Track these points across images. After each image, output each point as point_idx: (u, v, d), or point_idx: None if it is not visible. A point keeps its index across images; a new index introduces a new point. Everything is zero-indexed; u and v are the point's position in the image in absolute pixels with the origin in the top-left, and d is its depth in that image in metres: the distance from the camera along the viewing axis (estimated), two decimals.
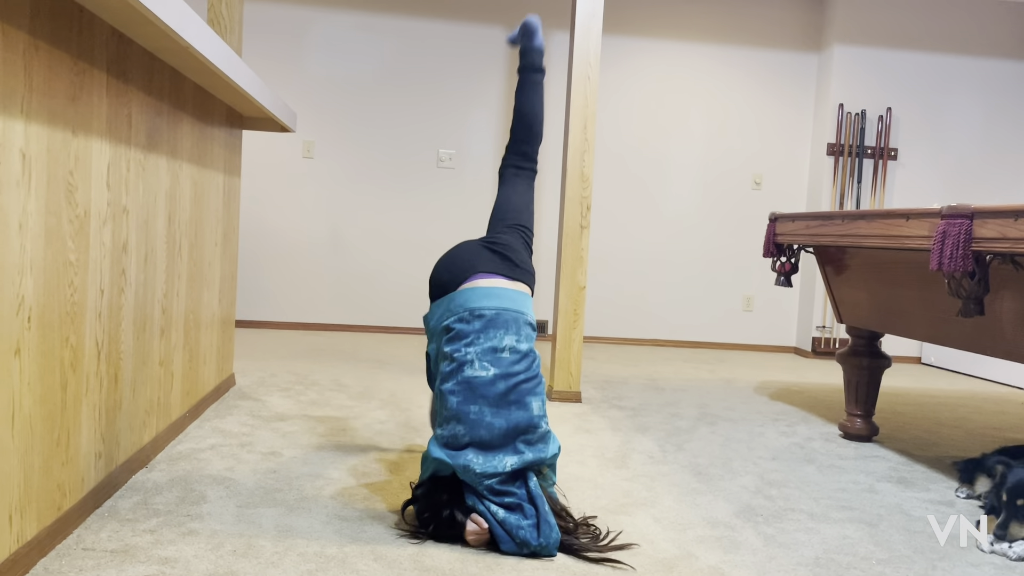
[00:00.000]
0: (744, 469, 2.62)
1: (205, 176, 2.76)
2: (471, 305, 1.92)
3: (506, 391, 1.84)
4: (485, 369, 1.84)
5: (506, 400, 1.83)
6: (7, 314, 1.46)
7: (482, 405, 1.82)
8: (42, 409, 1.62)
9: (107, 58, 1.86)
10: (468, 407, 1.82)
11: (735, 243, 5.65)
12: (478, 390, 1.83)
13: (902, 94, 5.52)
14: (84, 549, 1.68)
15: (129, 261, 2.07)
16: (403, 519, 1.91)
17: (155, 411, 2.36)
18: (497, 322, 1.90)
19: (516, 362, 1.88)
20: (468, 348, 1.87)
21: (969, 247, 2.14)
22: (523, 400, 1.86)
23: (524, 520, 1.77)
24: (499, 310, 1.92)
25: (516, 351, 1.89)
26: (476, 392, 1.83)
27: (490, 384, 1.83)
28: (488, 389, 1.83)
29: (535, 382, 1.91)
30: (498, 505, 1.78)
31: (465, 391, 1.83)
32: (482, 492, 1.79)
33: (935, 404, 4.00)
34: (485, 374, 1.84)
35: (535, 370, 1.92)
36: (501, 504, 1.79)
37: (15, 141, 1.46)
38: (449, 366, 1.88)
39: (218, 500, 2.02)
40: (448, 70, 5.42)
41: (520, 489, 1.81)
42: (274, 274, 5.34)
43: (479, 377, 1.84)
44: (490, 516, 1.77)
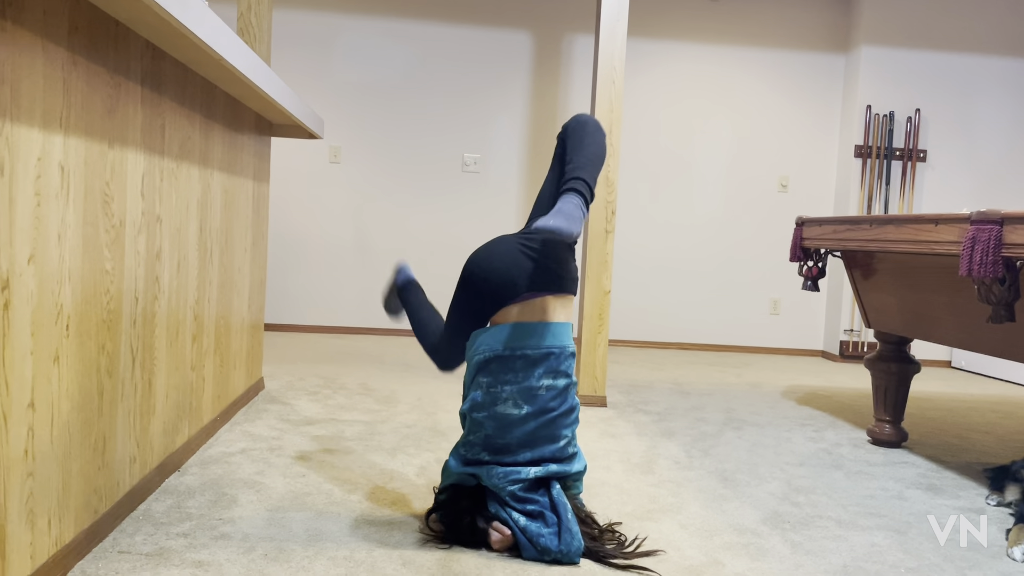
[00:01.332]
0: (771, 475, 2.61)
1: (235, 183, 2.81)
2: (515, 344, 1.85)
3: (537, 428, 1.83)
4: (518, 408, 1.82)
5: (536, 435, 1.84)
6: (47, 323, 1.50)
7: (510, 439, 1.83)
8: (80, 415, 1.66)
9: (142, 71, 1.90)
10: (496, 440, 1.84)
11: (761, 246, 5.62)
12: (510, 426, 1.83)
13: (931, 95, 5.46)
14: (120, 552, 1.72)
15: (162, 268, 2.11)
16: (427, 526, 1.93)
17: (187, 416, 2.40)
18: (539, 362, 1.85)
19: (552, 399, 1.85)
20: (505, 386, 1.83)
21: (999, 253, 2.12)
22: (554, 434, 1.85)
23: (545, 528, 1.77)
24: (544, 349, 1.85)
25: (554, 388, 1.85)
26: (507, 427, 1.83)
27: (522, 421, 1.82)
28: (519, 426, 1.82)
29: (570, 415, 1.88)
30: (520, 512, 1.79)
31: (496, 425, 1.83)
32: (505, 499, 1.80)
33: (965, 409, 3.95)
34: (518, 412, 1.82)
35: (571, 400, 1.89)
36: (523, 512, 1.80)
37: (54, 155, 1.50)
38: (483, 397, 1.85)
39: (249, 504, 2.05)
40: (473, 75, 5.45)
41: (543, 497, 1.82)
42: (301, 278, 5.39)
43: (511, 414, 1.82)
44: (512, 523, 1.79)
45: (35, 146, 1.43)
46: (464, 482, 1.87)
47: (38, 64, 1.42)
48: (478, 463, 1.85)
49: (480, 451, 1.85)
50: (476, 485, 1.86)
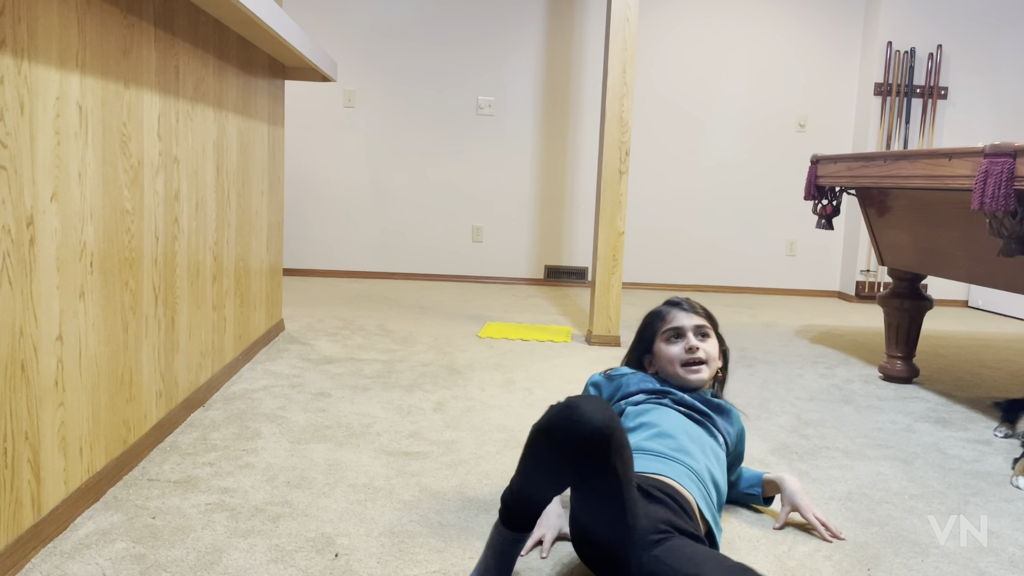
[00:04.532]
0: (781, 410, 2.65)
1: (250, 126, 2.83)
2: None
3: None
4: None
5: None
6: (71, 259, 1.55)
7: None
8: (106, 349, 1.72)
9: (154, 11, 1.91)
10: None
11: (778, 187, 5.59)
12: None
13: (953, 31, 5.35)
14: (149, 480, 1.79)
15: (181, 209, 2.15)
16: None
17: (210, 354, 2.46)
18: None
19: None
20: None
21: (1011, 186, 2.11)
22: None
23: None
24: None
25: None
26: None
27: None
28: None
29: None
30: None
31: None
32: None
33: (979, 347, 3.97)
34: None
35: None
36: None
37: (72, 94, 1.53)
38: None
39: (271, 436, 2.12)
40: (486, 16, 5.39)
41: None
42: (318, 223, 5.44)
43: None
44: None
45: (53, 85, 1.46)
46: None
47: (53, 3, 1.44)
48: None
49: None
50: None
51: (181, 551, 1.47)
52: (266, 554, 1.47)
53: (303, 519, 1.63)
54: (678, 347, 1.71)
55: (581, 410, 1.19)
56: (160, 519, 1.60)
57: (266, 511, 1.66)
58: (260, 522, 1.60)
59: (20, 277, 1.37)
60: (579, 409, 1.19)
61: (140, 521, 1.58)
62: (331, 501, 1.72)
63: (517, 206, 5.54)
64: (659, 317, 1.78)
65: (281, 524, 1.60)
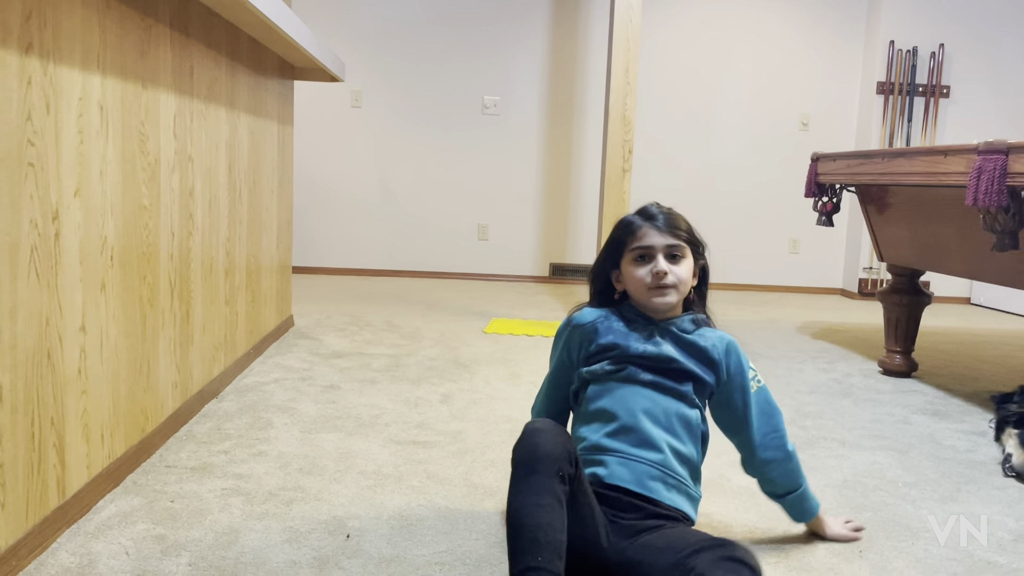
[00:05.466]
0: (781, 402, 2.70)
1: (261, 125, 2.89)
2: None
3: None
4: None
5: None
6: (93, 252, 1.61)
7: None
8: (126, 340, 1.79)
9: (170, 14, 1.98)
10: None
11: (781, 185, 5.63)
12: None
13: (955, 30, 5.39)
14: (167, 466, 1.86)
15: (195, 206, 2.22)
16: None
17: (223, 347, 2.53)
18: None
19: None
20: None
21: (1004, 182, 2.16)
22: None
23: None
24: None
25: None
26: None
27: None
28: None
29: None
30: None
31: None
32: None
33: (978, 342, 4.01)
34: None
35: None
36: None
37: (93, 94, 1.60)
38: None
39: (283, 426, 2.19)
40: (492, 17, 5.45)
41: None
42: (325, 222, 5.51)
43: None
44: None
45: (76, 86, 1.52)
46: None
47: (75, 6, 1.51)
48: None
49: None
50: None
51: (199, 532, 1.53)
52: (281, 535, 1.54)
53: (315, 503, 1.69)
54: (645, 270, 1.53)
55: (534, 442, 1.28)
56: (178, 503, 1.66)
57: (280, 496, 1.72)
58: (274, 506, 1.67)
59: (46, 269, 1.43)
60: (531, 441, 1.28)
61: (159, 504, 1.65)
62: (342, 487, 1.79)
63: (522, 204, 5.60)
64: (629, 231, 1.57)
65: (294, 508, 1.66)
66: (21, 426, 1.37)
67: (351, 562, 1.45)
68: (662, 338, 1.54)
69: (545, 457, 1.25)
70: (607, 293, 1.62)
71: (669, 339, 1.55)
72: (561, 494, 1.23)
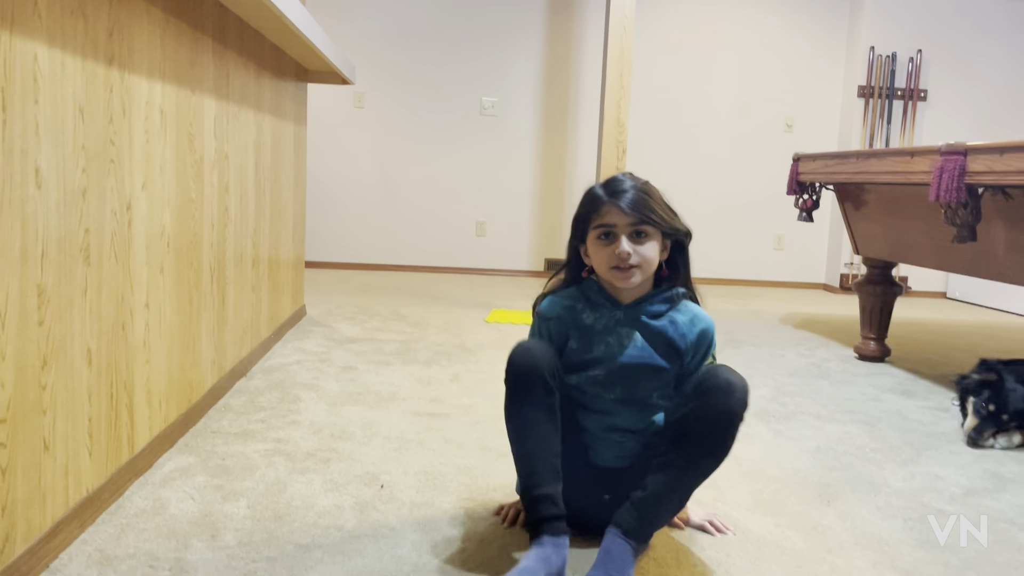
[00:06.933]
0: (763, 383, 2.94)
1: (280, 126, 3.11)
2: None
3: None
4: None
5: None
6: (155, 239, 1.83)
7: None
8: (178, 318, 2.00)
9: (212, 26, 2.19)
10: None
11: (766, 184, 5.88)
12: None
13: (932, 36, 5.65)
14: (212, 432, 2.08)
15: (230, 200, 2.43)
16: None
17: (250, 330, 2.74)
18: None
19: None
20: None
21: (963, 180, 2.40)
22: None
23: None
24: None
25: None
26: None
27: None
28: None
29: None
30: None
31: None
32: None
33: (951, 332, 4.26)
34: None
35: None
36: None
37: (156, 100, 1.81)
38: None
39: (311, 400, 2.40)
40: (490, 20, 5.67)
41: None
42: (330, 218, 5.72)
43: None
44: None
45: (143, 93, 1.74)
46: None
47: (144, 23, 1.72)
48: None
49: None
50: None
51: (251, 483, 1.75)
52: (322, 486, 1.76)
53: (349, 461, 1.91)
54: (608, 250, 1.47)
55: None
56: (228, 460, 1.88)
57: (317, 455, 1.94)
58: (313, 463, 1.89)
59: (123, 252, 1.65)
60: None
61: (212, 462, 1.86)
62: (371, 449, 2.01)
63: (519, 202, 5.82)
64: (593, 208, 1.49)
65: (331, 465, 1.88)
66: (104, 386, 1.59)
67: (387, 506, 1.67)
68: (628, 328, 1.52)
69: (534, 369, 1.44)
70: (578, 268, 1.58)
71: (636, 329, 1.52)
72: (554, 405, 1.45)
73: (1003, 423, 2.33)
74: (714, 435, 1.41)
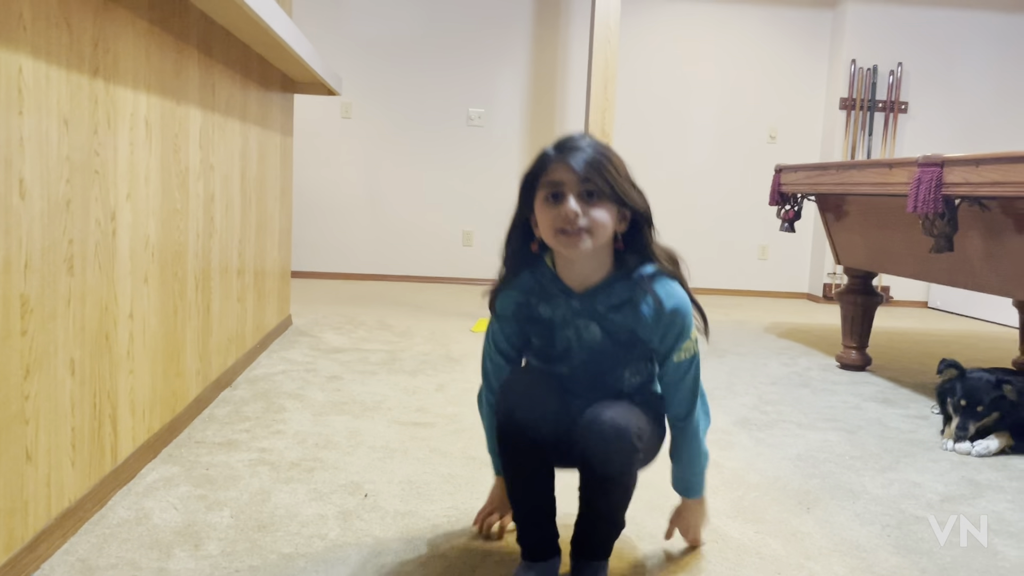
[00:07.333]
0: (745, 391, 2.97)
1: (267, 136, 3.12)
2: None
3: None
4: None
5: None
6: (139, 249, 1.83)
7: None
8: (161, 328, 2.00)
9: (197, 37, 2.21)
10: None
11: (751, 195, 5.92)
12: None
13: (913, 49, 5.72)
14: (196, 442, 2.08)
15: (216, 210, 2.44)
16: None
17: (234, 340, 2.75)
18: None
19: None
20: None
21: (939, 191, 2.44)
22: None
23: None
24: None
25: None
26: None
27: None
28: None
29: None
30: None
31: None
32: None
33: (931, 341, 4.31)
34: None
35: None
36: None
37: (141, 111, 1.82)
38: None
39: (296, 410, 2.41)
40: (476, 31, 5.70)
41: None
42: (316, 228, 5.72)
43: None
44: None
45: (129, 104, 1.75)
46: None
47: (129, 34, 1.74)
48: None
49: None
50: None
51: (235, 492, 1.76)
52: (307, 495, 1.76)
53: (334, 471, 1.92)
54: (555, 211, 1.33)
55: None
56: (212, 470, 1.88)
57: (301, 465, 1.95)
58: (298, 473, 1.89)
59: (106, 262, 1.65)
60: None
61: (196, 472, 1.87)
62: (355, 458, 2.01)
63: (506, 212, 5.82)
64: (541, 166, 1.36)
65: (316, 474, 1.89)
66: (87, 397, 1.59)
67: (371, 515, 1.68)
68: (585, 320, 1.40)
69: (526, 435, 1.36)
70: (525, 239, 1.48)
71: (593, 321, 1.41)
72: (547, 464, 1.41)
73: (979, 414, 2.37)
74: (605, 490, 1.36)
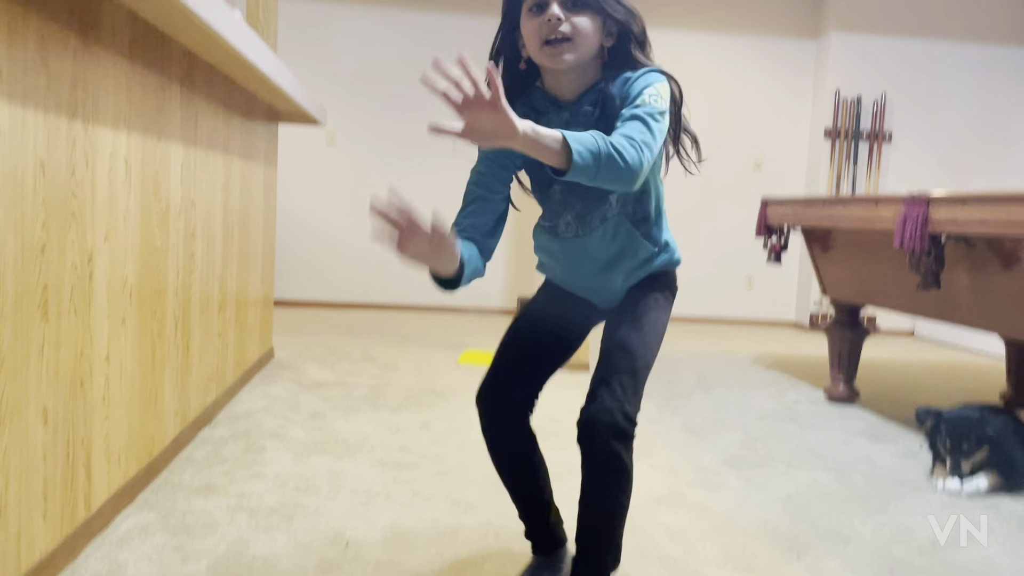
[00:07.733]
0: (733, 427, 2.94)
1: (250, 168, 3.09)
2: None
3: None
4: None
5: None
6: (117, 290, 1.79)
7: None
8: (139, 371, 1.96)
9: (180, 73, 2.18)
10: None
11: (737, 224, 5.94)
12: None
13: (897, 79, 5.78)
14: (173, 487, 2.03)
15: (197, 246, 2.40)
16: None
17: (215, 377, 2.70)
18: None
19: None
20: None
21: (926, 228, 2.44)
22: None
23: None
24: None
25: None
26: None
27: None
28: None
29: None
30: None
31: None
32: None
33: (919, 373, 4.31)
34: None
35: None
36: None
37: (120, 150, 1.79)
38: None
39: (276, 451, 2.36)
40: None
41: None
42: (300, 256, 5.68)
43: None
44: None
45: (108, 143, 1.71)
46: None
47: (110, 74, 1.71)
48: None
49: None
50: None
51: (212, 542, 1.71)
52: (286, 544, 1.72)
53: (314, 517, 1.87)
54: (539, 20, 1.34)
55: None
56: (189, 517, 1.83)
57: (281, 511, 1.90)
58: (277, 520, 1.85)
59: (82, 306, 1.61)
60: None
61: (172, 519, 1.82)
62: (336, 503, 1.97)
63: None
64: None
65: (296, 521, 1.84)
66: (60, 445, 1.54)
67: (352, 566, 1.63)
68: (580, 128, 1.32)
69: (503, 420, 1.59)
70: (514, 77, 1.47)
71: (587, 127, 1.34)
72: (531, 439, 1.62)
73: (967, 452, 2.35)
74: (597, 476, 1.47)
